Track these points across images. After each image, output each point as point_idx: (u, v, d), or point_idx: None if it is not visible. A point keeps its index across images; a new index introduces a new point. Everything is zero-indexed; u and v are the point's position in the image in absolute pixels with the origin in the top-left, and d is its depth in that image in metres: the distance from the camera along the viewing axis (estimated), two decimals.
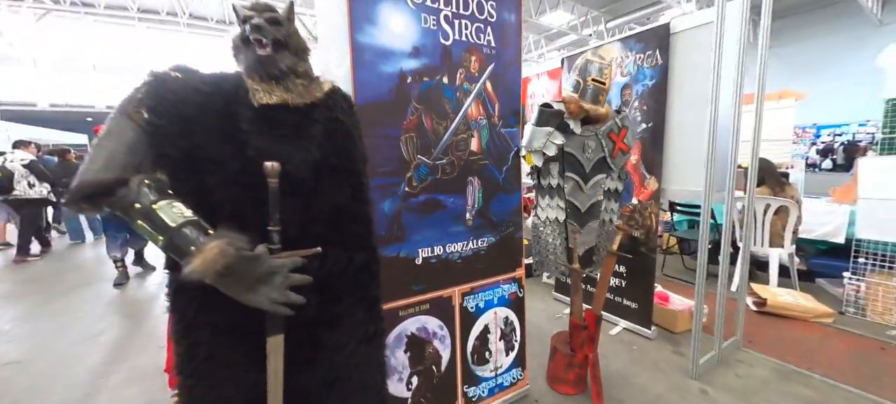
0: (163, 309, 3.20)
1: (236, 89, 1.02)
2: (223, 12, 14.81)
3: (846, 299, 2.82)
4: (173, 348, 1.02)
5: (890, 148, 2.76)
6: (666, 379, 2.12)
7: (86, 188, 0.85)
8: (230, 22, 15.56)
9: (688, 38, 2.26)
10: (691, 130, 2.26)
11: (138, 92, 0.96)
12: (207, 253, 0.85)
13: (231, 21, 15.59)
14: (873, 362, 2.23)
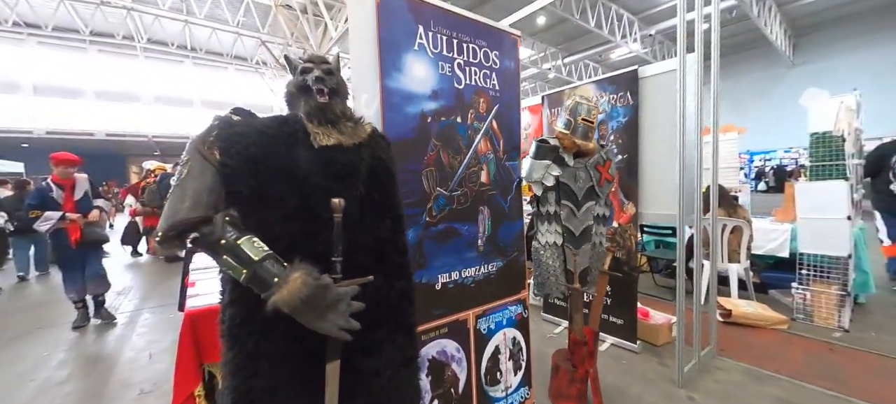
0: (137, 351, 3.03)
1: (295, 131, 1.11)
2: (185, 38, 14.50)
3: (796, 307, 3.19)
4: (228, 381, 1.04)
5: (817, 174, 3.22)
6: (656, 389, 2.31)
7: (179, 226, 0.91)
8: (193, 47, 15.22)
9: (653, 83, 2.59)
10: (661, 160, 2.56)
11: (209, 133, 1.04)
12: (292, 284, 0.92)
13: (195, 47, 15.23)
14: (826, 361, 2.55)
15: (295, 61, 1.23)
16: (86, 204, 3.60)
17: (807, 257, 3.14)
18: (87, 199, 3.64)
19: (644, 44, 13.80)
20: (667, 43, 14.89)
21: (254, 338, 1.03)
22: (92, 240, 3.58)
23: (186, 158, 1.00)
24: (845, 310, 2.94)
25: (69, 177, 3.56)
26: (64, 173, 3.52)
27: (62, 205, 3.44)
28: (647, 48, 13.97)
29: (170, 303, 4.25)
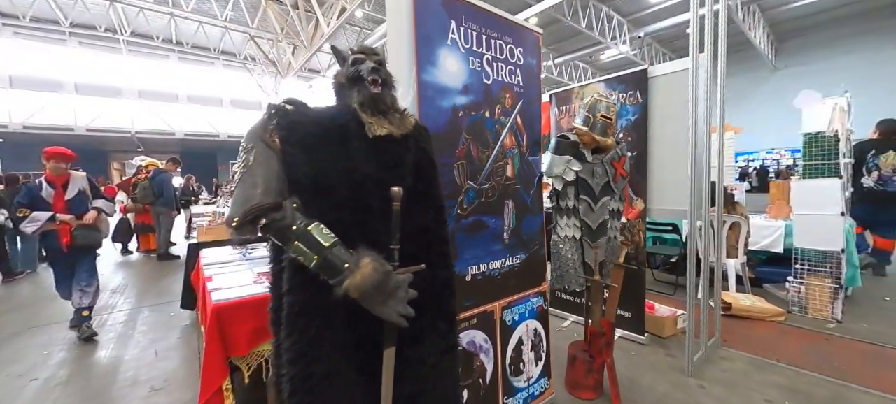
0: (141, 349, 2.96)
1: (347, 122, 1.13)
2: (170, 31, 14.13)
3: (791, 300, 3.33)
4: (287, 368, 1.05)
5: (811, 173, 3.36)
6: (666, 379, 2.38)
7: (254, 211, 0.91)
8: (179, 41, 14.84)
9: (663, 82, 2.67)
10: (669, 157, 2.64)
11: (270, 121, 1.04)
12: (364, 269, 0.94)
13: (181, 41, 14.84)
14: (823, 351, 2.67)
15: (344, 52, 1.24)
16: (80, 204, 3.25)
17: (801, 252, 3.28)
18: (82, 199, 3.28)
19: (633, 46, 14.05)
20: (655, 45, 15.22)
21: (315, 325, 1.04)
22: (82, 244, 3.18)
23: (249, 146, 1.00)
24: (838, 302, 3.08)
25: (62, 173, 3.22)
26: (56, 169, 3.19)
27: (52, 205, 3.11)
28: (636, 50, 14.24)
29: (168, 301, 4.16)
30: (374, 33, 13.25)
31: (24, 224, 3.01)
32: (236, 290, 1.92)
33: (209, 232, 3.68)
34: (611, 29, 12.76)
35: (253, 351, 1.80)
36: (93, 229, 3.25)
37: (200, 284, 2.53)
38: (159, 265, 5.91)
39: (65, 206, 3.17)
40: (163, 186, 5.96)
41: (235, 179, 0.98)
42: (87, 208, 3.28)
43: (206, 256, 2.80)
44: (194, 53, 15.57)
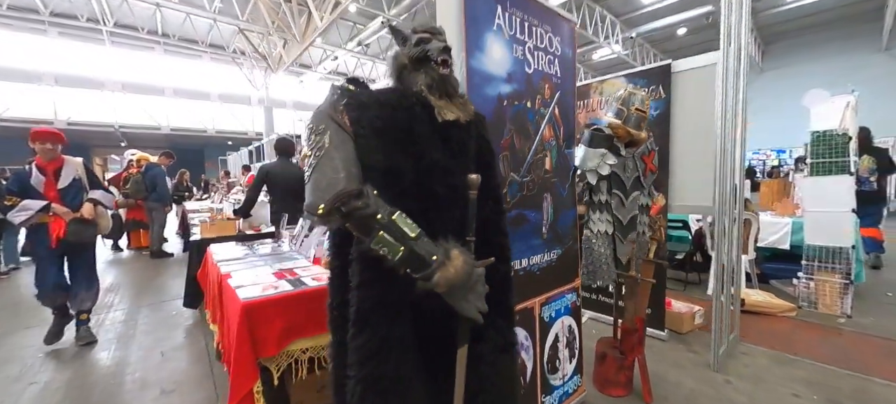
0: (145, 349, 2.83)
1: (412, 105, 1.06)
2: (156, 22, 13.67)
3: (800, 296, 3.38)
4: (356, 369, 0.98)
5: (818, 170, 3.41)
6: (692, 375, 2.38)
7: (343, 198, 0.83)
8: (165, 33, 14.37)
9: (687, 77, 2.66)
10: (692, 153, 2.64)
11: (339, 101, 0.97)
12: (456, 262, 0.88)
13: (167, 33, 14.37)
14: (838, 345, 2.71)
15: (405, 32, 1.17)
16: (75, 194, 2.90)
17: (811, 249, 3.33)
18: (77, 189, 2.93)
19: (625, 46, 14.21)
20: (646, 46, 15.42)
21: (386, 323, 0.97)
22: (75, 240, 2.81)
23: (321, 127, 0.92)
24: (848, 298, 3.13)
25: (53, 158, 2.84)
26: (45, 152, 2.80)
27: (43, 195, 2.78)
28: (628, 50, 14.41)
29: (167, 299, 4.01)
30: (367, 28, 13.12)
31: (12, 213, 2.69)
32: (258, 288, 1.83)
33: (212, 227, 3.54)
34: (604, 28, 12.87)
35: (282, 351, 1.71)
36: (89, 224, 2.91)
37: (213, 282, 2.42)
38: (153, 263, 5.70)
39: (57, 197, 2.82)
40: (155, 181, 5.75)
41: (310, 162, 0.90)
42: (82, 199, 2.92)
43: (216, 253, 2.68)
44: (181, 46, 15.10)
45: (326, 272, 2.05)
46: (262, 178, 3.50)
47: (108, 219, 3.16)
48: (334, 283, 1.09)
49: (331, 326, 1.11)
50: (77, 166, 2.99)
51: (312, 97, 18.45)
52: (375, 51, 15.83)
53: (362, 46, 14.10)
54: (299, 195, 3.65)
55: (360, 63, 17.25)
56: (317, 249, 2.40)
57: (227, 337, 1.92)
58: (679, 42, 15.41)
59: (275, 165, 3.59)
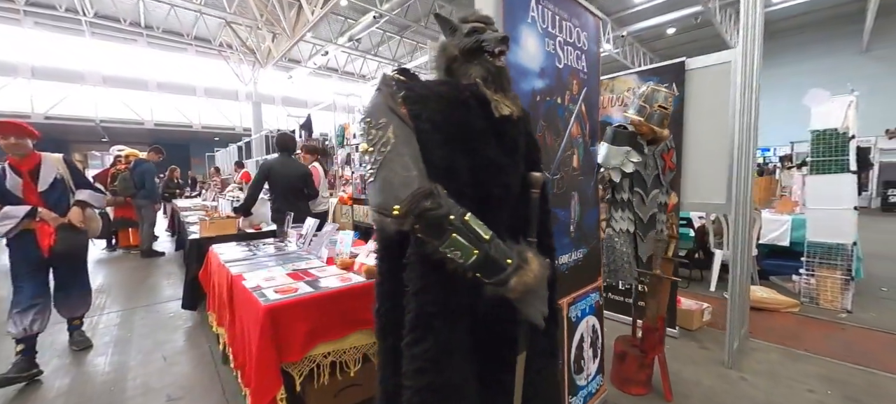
0: (145, 353, 2.71)
1: (466, 98, 1.00)
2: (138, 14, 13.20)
3: (802, 292, 3.44)
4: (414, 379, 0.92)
5: (818, 169, 3.48)
6: (707, 372, 2.39)
7: (420, 197, 0.77)
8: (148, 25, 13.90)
9: (701, 75, 2.66)
10: (705, 151, 2.64)
11: (397, 92, 0.90)
12: (534, 265, 0.84)
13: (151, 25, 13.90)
14: (843, 340, 2.76)
15: (454, 21, 1.11)
16: (59, 196, 2.52)
17: (812, 245, 3.39)
18: (62, 190, 2.54)
19: (616, 45, 14.34)
20: (636, 45, 15.58)
21: (448, 329, 0.92)
22: (66, 250, 2.47)
23: (382, 120, 0.86)
24: (849, 293, 3.20)
25: (24, 155, 2.43)
26: (11, 148, 2.39)
27: (24, 198, 2.40)
28: (618, 49, 14.53)
29: (162, 301, 3.86)
30: (359, 23, 12.92)
31: None
32: (275, 290, 1.75)
33: (212, 226, 3.42)
34: None
35: (305, 356, 1.64)
36: (80, 232, 2.59)
37: (221, 283, 2.32)
38: (144, 262, 5.50)
39: (40, 201, 2.45)
40: (144, 177, 5.54)
41: (373, 159, 0.83)
42: (68, 202, 2.56)
43: (222, 253, 2.58)
44: (165, 38, 14.65)
45: (344, 273, 1.98)
46: (263, 175, 3.39)
47: (97, 220, 2.86)
48: (383, 287, 1.02)
49: (379, 333, 1.05)
50: (57, 163, 2.59)
51: (301, 92, 18.14)
52: (367, 46, 15.63)
53: (353, 41, 13.88)
54: (300, 193, 3.58)
55: (351, 58, 17.04)
56: (329, 249, 2.33)
57: (243, 342, 1.85)
58: (668, 41, 15.64)
59: (276, 162, 3.48)
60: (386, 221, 0.80)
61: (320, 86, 18.33)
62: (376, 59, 16.11)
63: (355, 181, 5.32)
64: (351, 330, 1.78)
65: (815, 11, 12.94)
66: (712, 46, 14.92)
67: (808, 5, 12.31)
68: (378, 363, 1.05)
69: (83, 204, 2.63)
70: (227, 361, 2.48)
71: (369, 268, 1.90)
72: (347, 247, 2.20)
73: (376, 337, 1.06)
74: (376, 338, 1.06)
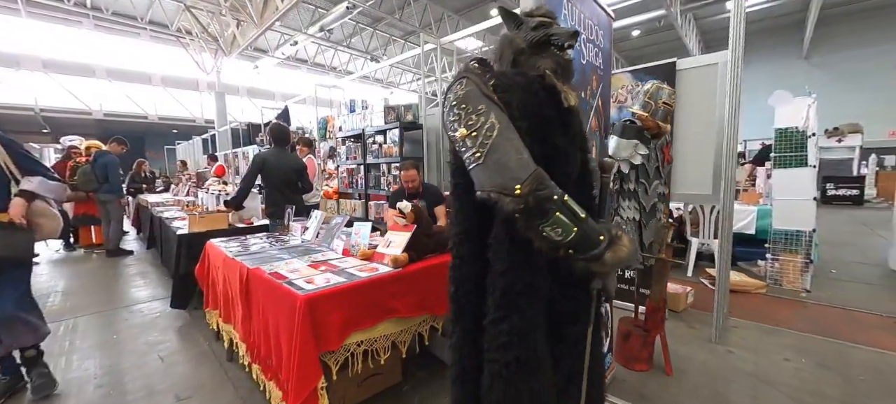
0: (139, 354, 2.58)
1: (538, 89, 1.06)
2: None
3: (767, 275, 3.79)
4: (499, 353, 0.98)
5: (783, 163, 3.83)
6: (698, 348, 2.60)
7: (538, 175, 0.82)
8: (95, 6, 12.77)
9: (690, 75, 2.86)
10: (692, 146, 2.85)
11: (487, 80, 0.94)
12: (626, 241, 0.90)
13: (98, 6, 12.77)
14: (807, 316, 3.09)
15: (519, 15, 1.16)
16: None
17: (777, 233, 3.74)
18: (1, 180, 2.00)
19: None
20: None
21: (532, 307, 0.99)
22: (4, 255, 1.92)
23: (482, 108, 0.90)
24: (808, 275, 3.57)
25: None
26: None
27: None
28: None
29: (144, 301, 3.64)
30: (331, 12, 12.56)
31: None
32: (306, 281, 1.73)
33: (202, 221, 3.27)
34: None
35: (342, 345, 1.64)
36: (23, 231, 1.99)
37: (230, 279, 2.25)
38: (111, 262, 5.12)
39: None
40: (108, 170, 5.14)
41: (479, 143, 0.87)
42: (7, 194, 2.02)
43: (229, 248, 2.49)
44: (115, 21, 13.53)
45: (365, 263, 1.99)
46: (257, 167, 3.28)
47: (54, 218, 2.18)
48: (462, 271, 1.06)
49: (455, 314, 1.08)
50: None
51: (269, 84, 17.40)
52: (339, 37, 15.23)
53: (325, 32, 13.47)
54: (295, 186, 3.49)
55: (321, 49, 16.53)
56: (345, 241, 2.31)
57: (267, 335, 1.81)
58: (633, 43, 16.39)
59: (270, 154, 3.37)
60: (505, 201, 0.84)
61: (290, 77, 17.68)
62: (348, 50, 15.74)
63: (341, 175, 5.22)
64: (381, 319, 1.79)
65: (762, 20, 14.05)
66: (673, 49, 15.84)
67: (756, 15, 13.34)
68: (452, 343, 1.09)
69: (29, 195, 2.03)
70: (233, 358, 2.41)
71: (396, 257, 1.91)
72: (365, 239, 2.20)
73: (452, 318, 1.10)
74: (452, 320, 1.10)
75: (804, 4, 12.06)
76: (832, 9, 12.35)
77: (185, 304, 3.24)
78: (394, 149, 4.26)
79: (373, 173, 4.72)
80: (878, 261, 4.59)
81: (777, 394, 2.06)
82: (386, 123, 4.33)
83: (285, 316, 1.63)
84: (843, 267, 4.41)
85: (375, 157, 4.55)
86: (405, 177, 3.06)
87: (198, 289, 3.21)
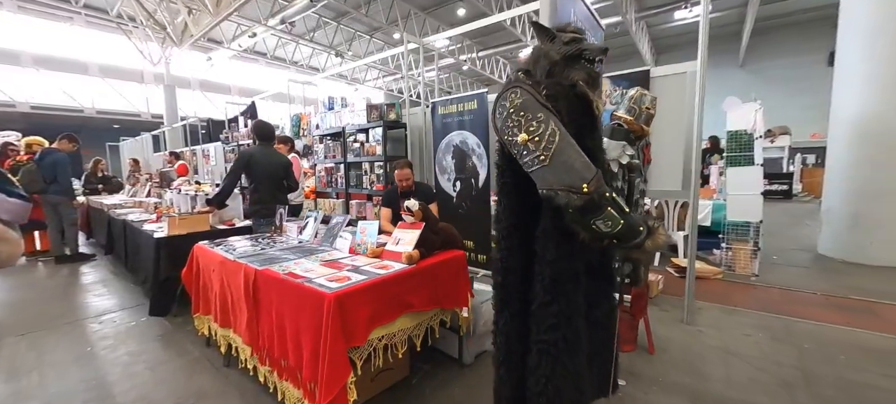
0: (123, 366, 2.46)
1: (573, 98, 1.18)
2: None
3: (721, 262, 4.23)
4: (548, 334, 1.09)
5: (733, 162, 4.27)
6: (673, 329, 2.88)
7: (599, 175, 0.93)
8: None
9: (662, 82, 3.14)
10: (663, 146, 3.13)
11: (539, 91, 1.04)
12: (662, 231, 1.04)
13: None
14: (758, 297, 3.49)
15: (552, 30, 1.27)
16: None
17: (730, 224, 4.18)
18: None
19: None
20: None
21: (576, 291, 1.10)
22: None
23: (541, 115, 1.00)
24: (756, 261, 4.03)
25: None
26: None
27: None
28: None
29: (114, 310, 3.41)
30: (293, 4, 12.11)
31: None
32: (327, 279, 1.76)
33: (182, 223, 3.12)
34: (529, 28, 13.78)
35: (367, 340, 1.69)
36: None
37: (235, 281, 2.19)
38: (65, 269, 4.69)
39: None
40: (57, 170, 4.70)
41: (542, 146, 0.97)
42: None
43: (231, 250, 2.42)
44: (42, 4, 12.21)
45: (376, 261, 2.04)
46: (243, 164, 3.16)
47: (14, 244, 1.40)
48: (508, 263, 1.16)
49: (500, 303, 1.18)
50: None
51: (223, 77, 16.46)
52: (301, 30, 14.71)
53: (286, 24, 12.97)
54: (281, 184, 3.41)
55: (282, 43, 15.89)
56: (351, 240, 2.33)
57: (283, 337, 1.81)
58: None
59: (256, 151, 3.25)
60: (573, 197, 0.94)
61: (248, 71, 16.83)
62: (311, 45, 15.23)
63: (319, 174, 5.12)
64: (399, 314, 1.85)
65: None
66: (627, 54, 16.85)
67: (695, 25, 14.50)
68: (499, 328, 1.19)
69: None
70: (231, 364, 2.35)
71: (411, 254, 1.97)
72: (374, 237, 2.23)
73: (497, 306, 1.20)
74: (497, 308, 1.20)
75: (741, 17, 13.28)
76: (765, 22, 13.70)
77: (166, 311, 3.08)
78: (377, 148, 4.26)
79: (354, 172, 4.68)
80: (808, 247, 5.24)
81: (744, 365, 2.35)
82: (368, 122, 4.32)
83: (309, 314, 1.64)
84: (781, 253, 5.00)
85: (357, 156, 4.51)
86: (400, 176, 3.10)
87: (179, 295, 3.07)
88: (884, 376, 2.18)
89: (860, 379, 2.16)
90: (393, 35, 14.96)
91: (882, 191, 4.35)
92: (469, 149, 3.89)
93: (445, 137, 4.10)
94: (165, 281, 3.00)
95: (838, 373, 2.22)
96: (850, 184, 4.59)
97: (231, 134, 6.62)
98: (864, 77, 4.50)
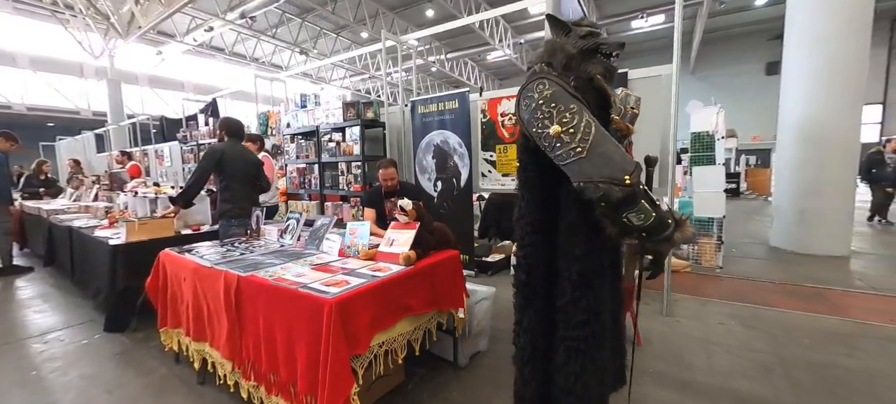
0: (79, 391, 2.20)
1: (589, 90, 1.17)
2: None
3: (689, 256, 4.45)
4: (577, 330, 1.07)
5: (697, 162, 4.52)
6: (654, 321, 2.98)
7: (638, 167, 0.90)
8: None
9: (639, 84, 3.26)
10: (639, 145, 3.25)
11: (567, 81, 1.01)
12: (687, 222, 1.04)
13: None
14: (726, 288, 3.70)
15: (568, 24, 1.25)
16: None
17: (696, 220, 4.41)
18: None
19: (515, 50, 15.73)
20: (530, 52, 17.31)
21: (603, 284, 1.09)
22: None
23: (574, 108, 0.97)
24: (720, 255, 4.28)
25: None
26: None
27: None
28: (517, 54, 15.97)
29: (60, 327, 3.04)
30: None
31: None
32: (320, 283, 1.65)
33: (143, 228, 2.84)
34: (498, 31, 14.01)
35: (369, 347, 1.60)
36: None
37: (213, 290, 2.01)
38: (2, 283, 4.14)
39: None
40: None
41: (578, 139, 0.94)
42: None
43: (203, 256, 2.22)
44: None
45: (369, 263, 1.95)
46: (214, 161, 2.89)
47: None
48: (531, 259, 1.13)
49: (523, 301, 1.15)
50: None
51: (176, 73, 15.42)
52: (263, 26, 14.06)
53: (246, 19, 12.35)
54: (254, 183, 3.19)
55: (242, 38, 15.10)
56: (340, 242, 2.22)
57: (272, 348, 1.68)
58: None
59: (227, 147, 3.00)
60: (614, 190, 0.92)
61: (204, 67, 15.87)
62: (274, 41, 14.59)
63: (291, 174, 4.89)
64: (399, 318, 1.77)
65: (656, 39, 16.18)
66: None
67: (655, 34, 15.36)
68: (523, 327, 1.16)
69: None
70: (206, 381, 2.16)
71: (408, 255, 1.90)
72: (365, 239, 2.13)
73: (519, 305, 1.16)
74: (520, 307, 1.16)
75: (691, 27, 14.20)
76: (712, 33, 14.74)
77: (124, 327, 2.79)
78: (354, 147, 4.13)
79: (329, 172, 4.50)
80: (762, 240, 5.66)
81: (723, 352, 2.47)
82: (344, 120, 4.17)
83: (306, 322, 1.53)
84: (739, 246, 5.35)
85: (332, 156, 4.35)
86: (384, 176, 3.00)
87: (139, 308, 2.80)
88: (846, 356, 2.36)
89: (826, 360, 2.33)
90: (360, 34, 14.67)
91: (822, 190, 4.77)
92: (451, 148, 3.86)
93: (426, 137, 4.05)
94: (123, 292, 2.72)
95: (806, 357, 2.38)
96: (797, 183, 5.00)
97: (190, 132, 6.18)
98: (806, 84, 4.92)
